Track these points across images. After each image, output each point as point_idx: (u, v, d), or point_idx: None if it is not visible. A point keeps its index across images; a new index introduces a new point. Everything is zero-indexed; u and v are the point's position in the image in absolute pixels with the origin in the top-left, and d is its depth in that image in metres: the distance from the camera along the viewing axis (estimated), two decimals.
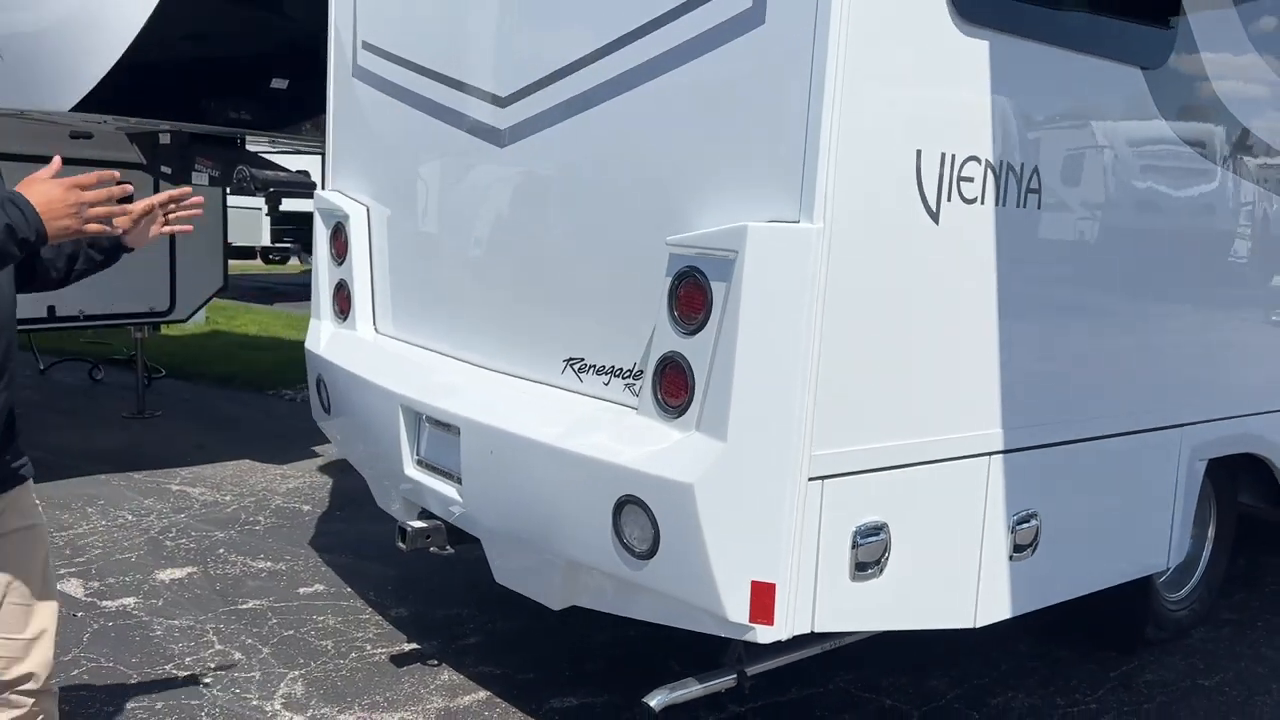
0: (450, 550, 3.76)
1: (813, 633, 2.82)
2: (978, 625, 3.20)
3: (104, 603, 4.49)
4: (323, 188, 4.70)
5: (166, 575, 4.84)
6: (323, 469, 6.78)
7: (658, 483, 2.78)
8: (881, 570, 2.88)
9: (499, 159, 3.57)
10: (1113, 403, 3.55)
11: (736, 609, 2.71)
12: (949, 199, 2.84)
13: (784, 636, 2.74)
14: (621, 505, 2.90)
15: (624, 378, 3.13)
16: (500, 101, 3.55)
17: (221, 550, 5.19)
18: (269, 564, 5.03)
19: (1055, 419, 3.32)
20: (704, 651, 4.01)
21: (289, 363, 9.73)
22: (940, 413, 2.98)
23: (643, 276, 3.01)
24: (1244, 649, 4.46)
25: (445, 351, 3.91)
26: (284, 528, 5.58)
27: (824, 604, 2.78)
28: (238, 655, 4.04)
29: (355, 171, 4.49)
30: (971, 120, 2.89)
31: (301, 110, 6.00)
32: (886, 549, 2.89)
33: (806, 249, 2.59)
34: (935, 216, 2.82)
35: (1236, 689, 4.07)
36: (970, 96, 2.88)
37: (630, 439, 2.93)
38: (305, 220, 14.52)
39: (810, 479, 2.69)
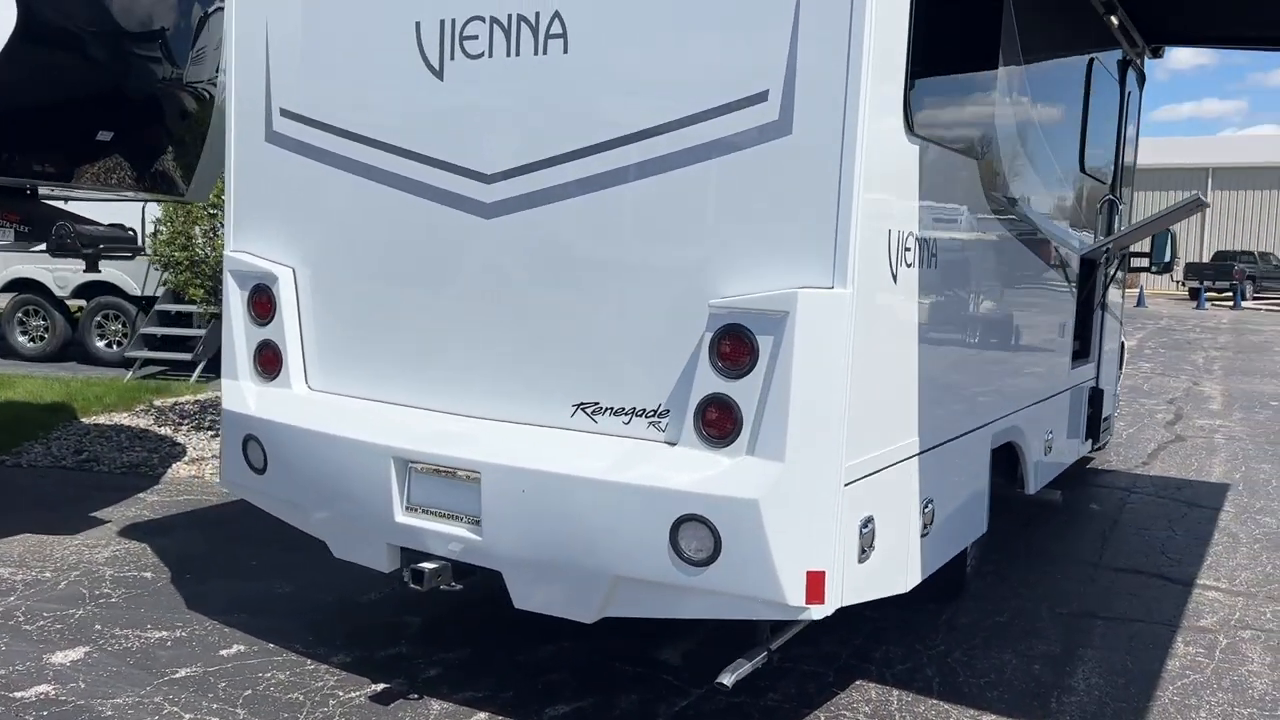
0: (458, 587, 4.08)
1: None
2: (908, 590, 4.13)
3: (16, 694, 4.23)
4: (228, 249, 4.74)
5: (63, 658, 4.60)
6: (125, 533, 6.47)
7: (721, 501, 3.42)
8: (870, 554, 3.71)
9: (485, 230, 3.99)
10: (964, 409, 4.66)
11: (795, 595, 3.41)
12: (901, 264, 3.74)
13: (830, 612, 3.49)
14: (680, 524, 3.49)
15: (647, 417, 3.71)
16: (486, 179, 3.98)
17: (99, 626, 4.96)
18: (165, 633, 4.91)
19: (940, 424, 4.34)
20: (635, 652, 4.65)
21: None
22: (895, 426, 3.87)
23: (667, 332, 3.63)
24: (1009, 591, 5.82)
25: (417, 404, 4.23)
26: (144, 597, 5.38)
27: (846, 583, 3.55)
28: None
29: (270, 235, 4.61)
30: (908, 206, 3.81)
31: (126, 162, 5.78)
32: (874, 536, 3.73)
33: (843, 309, 3.37)
34: (894, 277, 3.71)
35: (1021, 620, 5.36)
36: (908, 188, 3.80)
37: (680, 467, 3.53)
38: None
39: (843, 485, 3.46)
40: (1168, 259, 8.18)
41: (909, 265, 3.80)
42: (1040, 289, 5.79)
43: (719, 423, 3.50)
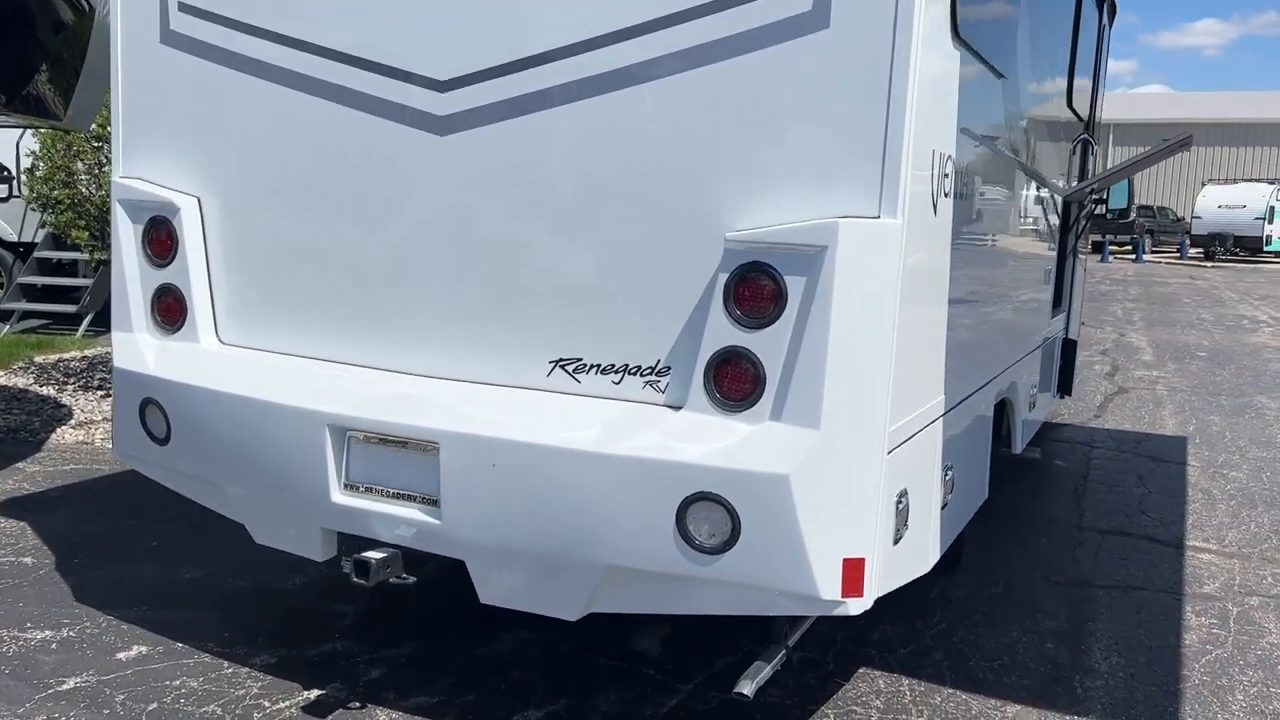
0: (410, 579, 3.42)
1: None
2: (927, 571, 3.62)
3: None
4: (117, 175, 3.93)
5: None
6: (0, 509, 5.61)
7: (742, 477, 2.82)
8: (904, 533, 3.17)
9: (438, 150, 3.29)
10: (977, 363, 4.15)
11: (829, 587, 2.85)
12: (940, 194, 3.17)
13: (869, 606, 2.94)
14: (689, 504, 2.89)
15: (643, 375, 3.09)
16: (440, 85, 3.27)
17: None
18: (50, 633, 4.14)
19: (960, 380, 3.82)
20: (608, 642, 4.07)
21: None
22: (928, 382, 3.32)
23: (669, 273, 3.00)
24: (996, 558, 5.39)
25: (356, 362, 3.53)
26: (22, 588, 4.58)
27: (882, 570, 3.01)
28: None
29: (169, 157, 3.83)
30: (948, 125, 3.23)
31: None
32: (909, 512, 3.19)
33: (892, 243, 2.78)
34: (935, 209, 3.14)
35: (1018, 591, 4.93)
36: (949, 103, 3.22)
37: (689, 436, 2.92)
38: None
39: (886, 455, 2.90)
40: (1124, 205, 7.83)
41: (945, 196, 3.23)
42: (1035, 231, 5.31)
43: (736, 382, 2.90)
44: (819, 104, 2.80)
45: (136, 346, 3.84)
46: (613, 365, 3.13)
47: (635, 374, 3.10)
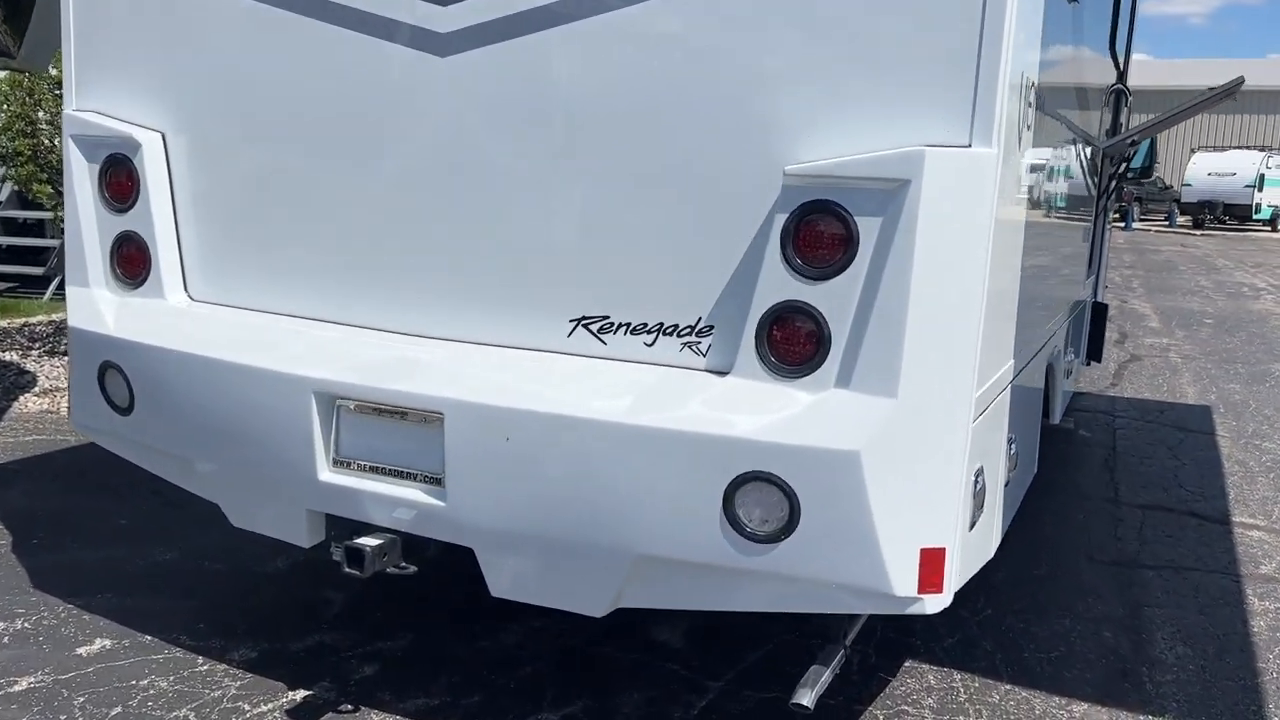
0: (410, 569, 3.00)
1: None
2: (991, 556, 3.22)
3: None
4: (70, 108, 3.45)
5: None
6: None
7: (801, 454, 2.41)
8: (980, 516, 2.77)
9: (440, 73, 2.83)
10: (1037, 324, 3.73)
11: (904, 582, 2.45)
12: (1024, 125, 2.74)
13: (948, 603, 2.54)
14: (739, 485, 2.48)
15: (681, 336, 2.67)
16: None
17: None
18: (2, 624, 3.70)
19: (1024, 343, 3.41)
20: (625, 632, 3.67)
21: None
22: (1002, 345, 2.91)
23: (714, 215, 2.57)
24: (1035, 535, 5.01)
25: (345, 321, 3.09)
26: None
27: (961, 561, 2.61)
28: None
29: (129, 87, 3.35)
30: (1034, 45, 2.80)
31: None
32: (985, 492, 2.78)
33: (987, 178, 2.35)
34: (1019, 141, 2.71)
35: (1063, 573, 4.55)
36: (1034, 21, 2.78)
37: (736, 407, 2.50)
38: None
39: (970, 427, 2.49)
40: (1146, 164, 7.44)
41: (1027, 129, 2.80)
42: (1082, 180, 4.89)
43: (794, 343, 2.48)
44: (901, 11, 2.36)
45: (94, 303, 3.38)
46: (644, 324, 2.70)
47: (671, 334, 2.67)
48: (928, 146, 2.32)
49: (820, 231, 2.42)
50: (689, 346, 2.66)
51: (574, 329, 2.78)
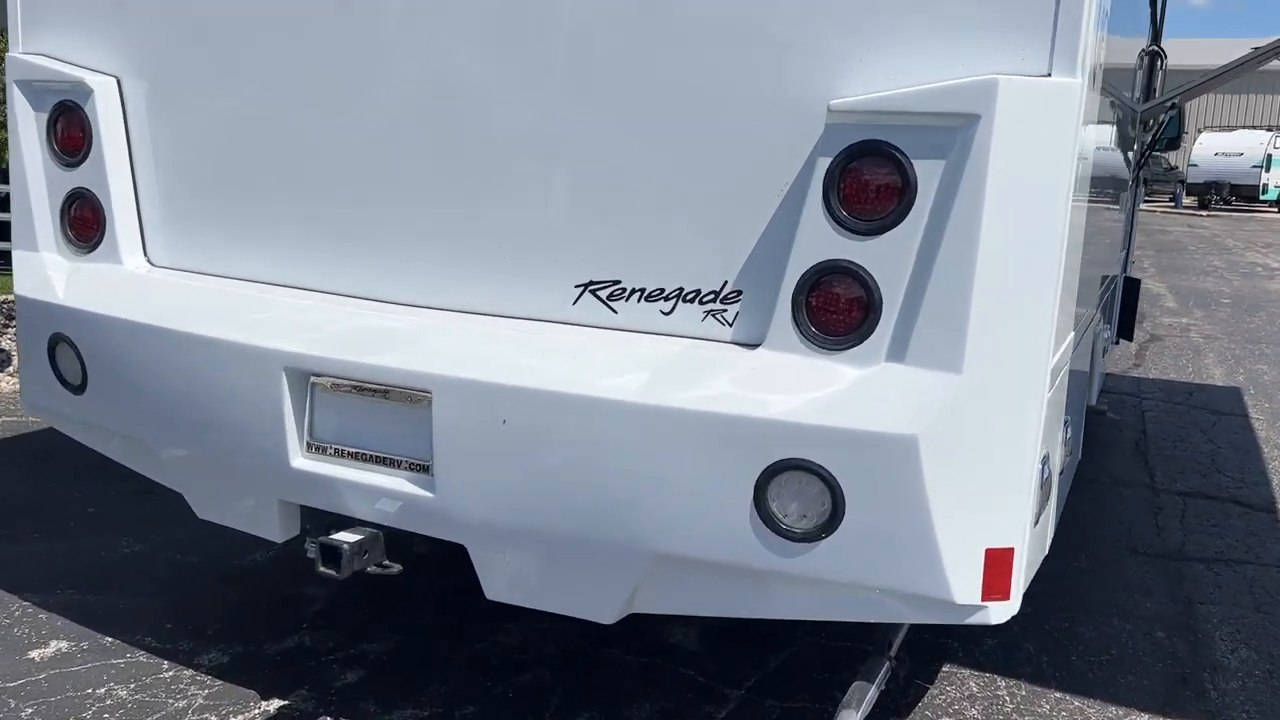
0: (395, 568, 2.66)
1: None
2: (1045, 553, 2.88)
3: None
4: (14, 50, 3.08)
5: None
6: None
7: (847, 439, 2.06)
8: (1044, 510, 2.43)
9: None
10: (1089, 293, 3.38)
11: (966, 588, 2.11)
12: (1099, 59, 2.38)
13: (1015, 611, 2.20)
14: (771, 475, 2.13)
15: (703, 302, 2.31)
16: None
17: None
18: None
19: (1082, 314, 3.06)
20: (633, 633, 3.34)
21: None
22: (1068, 313, 2.56)
23: (743, 158, 2.21)
24: (1070, 524, 4.63)
25: (321, 288, 2.74)
26: None
27: (1028, 562, 2.26)
28: None
29: (81, 26, 2.98)
30: None
31: None
32: (1051, 482, 2.44)
33: (1070, 111, 2.00)
34: (1095, 78, 2.34)
35: (1105, 566, 4.22)
36: None
37: (770, 384, 2.15)
38: None
39: (1044, 406, 2.14)
40: (1176, 134, 7.06)
41: (1102, 64, 2.44)
42: (1128, 139, 4.52)
43: (838, 309, 2.13)
44: None
45: (42, 269, 3.03)
46: (662, 290, 2.35)
47: (693, 300, 2.32)
48: (1000, 75, 1.96)
49: (870, 178, 2.07)
50: (713, 315, 2.30)
51: (580, 295, 2.43)
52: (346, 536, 2.54)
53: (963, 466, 2.06)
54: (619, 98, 2.30)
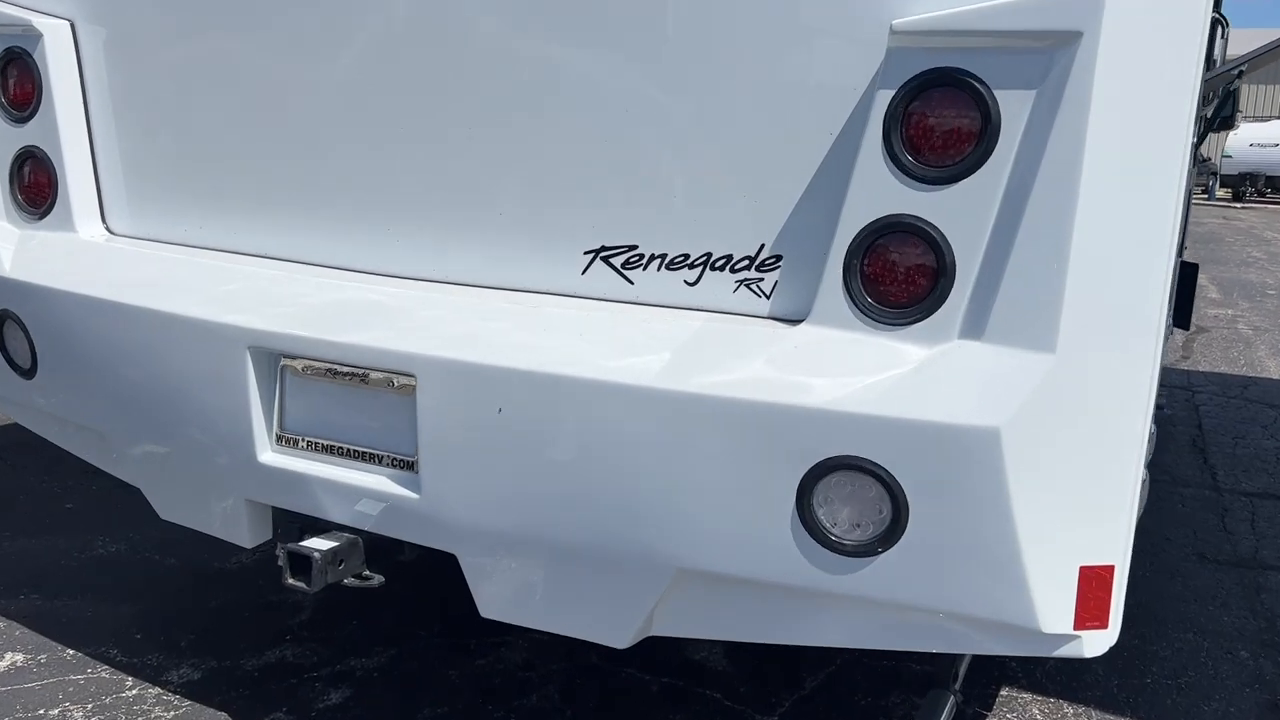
0: (375, 580, 2.31)
1: None
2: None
3: None
4: None
5: None
6: None
7: (913, 432, 1.69)
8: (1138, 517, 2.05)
9: None
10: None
11: (1056, 614, 1.73)
12: None
13: (1114, 641, 1.83)
14: (818, 476, 1.76)
15: (734, 270, 1.95)
16: None
17: None
18: None
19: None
20: (653, 648, 2.98)
21: None
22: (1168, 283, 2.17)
23: (781, 93, 1.84)
24: (1142, 533, 4.28)
25: (295, 257, 2.39)
26: None
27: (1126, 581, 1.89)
28: None
29: None
30: None
31: None
32: (1147, 485, 2.06)
33: (1193, 30, 1.62)
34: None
35: (1172, 574, 3.84)
36: None
37: (816, 365, 1.78)
38: None
39: (1153, 393, 1.77)
40: (1230, 113, 6.63)
41: None
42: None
43: (902, 276, 1.75)
44: None
45: None
46: (685, 255, 1.98)
47: (723, 268, 1.95)
48: None
49: (942, 115, 1.69)
50: (747, 285, 1.94)
51: (590, 263, 2.07)
52: (319, 543, 2.19)
53: (1054, 466, 1.69)
54: (633, 22, 1.93)
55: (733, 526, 1.84)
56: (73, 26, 2.60)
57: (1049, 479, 1.69)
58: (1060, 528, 1.71)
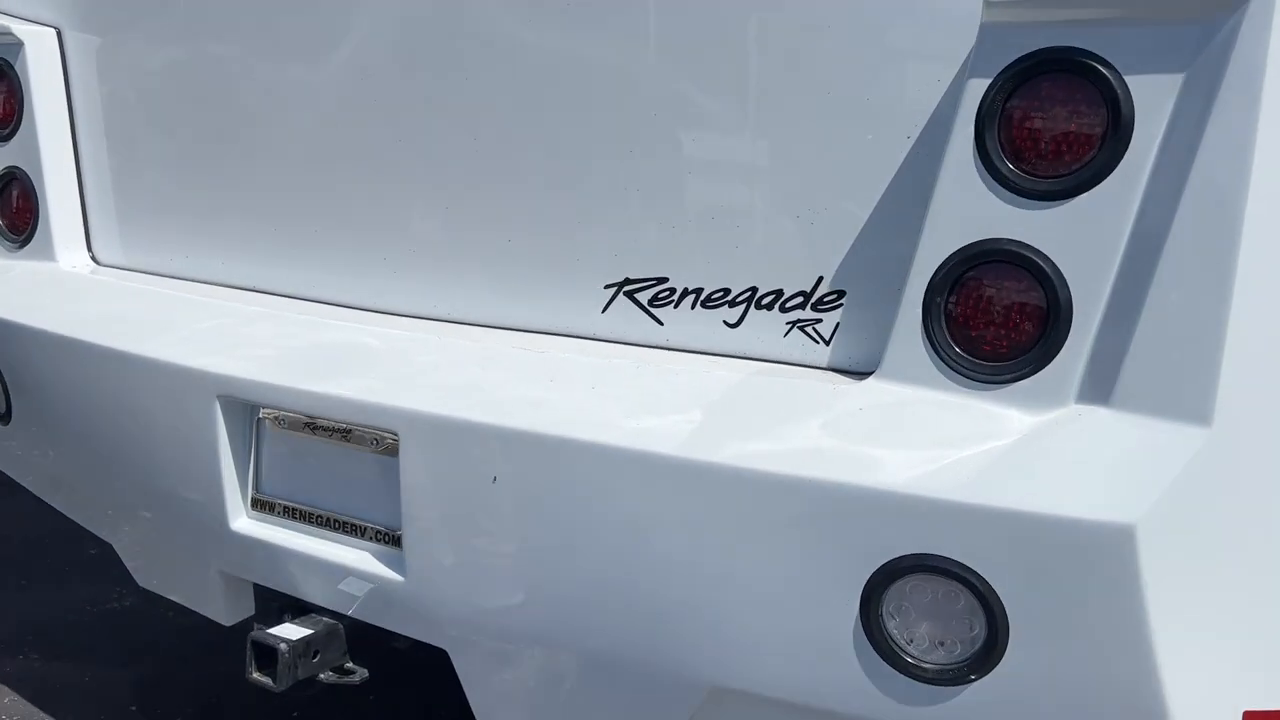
0: (357, 676, 1.96)
1: None
2: None
3: None
4: None
5: None
6: None
7: (1019, 526, 1.27)
8: None
9: None
10: None
11: None
12: None
13: None
14: (889, 579, 1.36)
15: (786, 308, 1.57)
16: None
17: None
18: None
19: None
20: None
21: None
22: None
23: (839, 89, 1.46)
24: None
25: (292, 293, 2.08)
26: None
27: None
28: None
29: None
30: None
31: None
32: None
33: None
34: None
35: None
36: None
37: (890, 435, 1.38)
38: None
39: None
40: None
41: None
42: None
43: (1001, 319, 1.35)
44: None
45: None
46: (725, 291, 1.61)
47: (771, 305, 1.57)
48: None
49: (1054, 110, 1.29)
50: (801, 327, 1.55)
51: (612, 299, 1.71)
52: (290, 631, 1.85)
53: (1208, 577, 1.26)
54: (662, 7, 1.58)
55: (778, 639, 1.45)
56: (59, 34, 2.36)
57: (1200, 593, 1.26)
58: (1216, 659, 1.28)
